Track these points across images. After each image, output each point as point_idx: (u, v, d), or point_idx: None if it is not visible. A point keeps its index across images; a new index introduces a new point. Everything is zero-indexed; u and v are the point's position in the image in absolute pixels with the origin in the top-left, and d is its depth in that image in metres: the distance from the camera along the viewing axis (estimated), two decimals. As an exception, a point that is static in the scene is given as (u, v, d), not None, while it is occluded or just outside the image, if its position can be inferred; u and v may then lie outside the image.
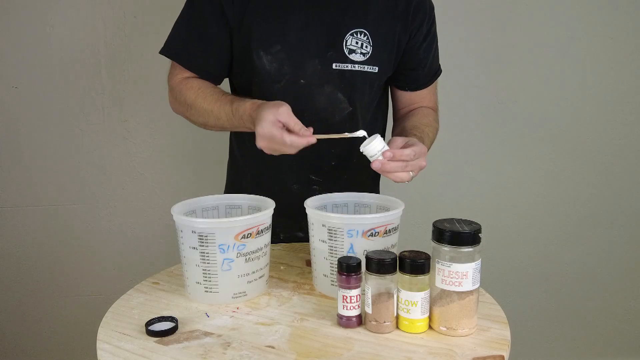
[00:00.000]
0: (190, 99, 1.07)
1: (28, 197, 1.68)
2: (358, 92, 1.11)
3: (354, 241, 0.84)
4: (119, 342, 0.75)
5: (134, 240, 1.74)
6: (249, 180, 1.19)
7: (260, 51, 1.06)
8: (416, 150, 0.93)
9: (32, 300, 1.75)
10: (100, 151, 1.68)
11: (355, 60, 1.07)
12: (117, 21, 1.60)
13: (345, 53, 1.07)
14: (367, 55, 1.08)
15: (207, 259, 0.83)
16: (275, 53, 1.06)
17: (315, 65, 1.07)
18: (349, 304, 0.77)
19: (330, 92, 1.09)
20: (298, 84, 1.07)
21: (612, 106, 1.76)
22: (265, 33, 1.05)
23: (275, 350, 0.72)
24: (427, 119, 1.16)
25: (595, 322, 1.92)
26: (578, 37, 1.70)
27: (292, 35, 1.05)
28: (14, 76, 1.61)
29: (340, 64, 1.07)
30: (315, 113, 1.08)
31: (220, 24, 1.06)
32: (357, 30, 1.07)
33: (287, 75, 1.07)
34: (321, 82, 1.08)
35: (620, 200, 1.82)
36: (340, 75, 1.08)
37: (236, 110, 1.01)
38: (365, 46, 1.07)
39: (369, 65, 1.09)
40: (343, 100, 1.09)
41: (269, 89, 1.08)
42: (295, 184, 1.14)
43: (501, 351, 0.72)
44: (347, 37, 1.06)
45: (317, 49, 1.06)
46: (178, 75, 1.10)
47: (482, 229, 0.76)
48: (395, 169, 0.92)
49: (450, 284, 0.74)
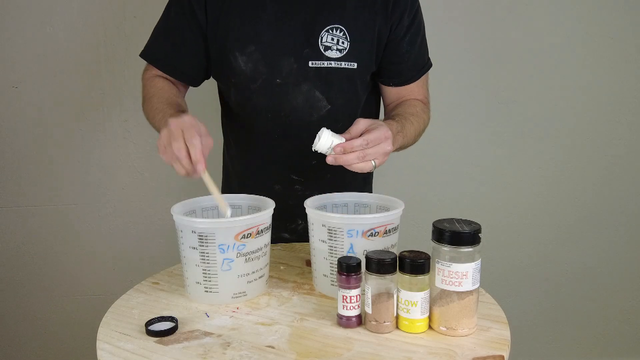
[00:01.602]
0: (149, 94, 1.10)
1: (28, 197, 1.68)
2: (336, 90, 1.09)
3: (353, 241, 0.84)
4: (118, 342, 0.75)
5: (134, 240, 1.74)
6: (236, 181, 1.20)
7: (236, 52, 1.06)
8: (371, 137, 0.90)
9: (32, 300, 1.75)
10: (100, 151, 1.68)
11: (331, 57, 1.06)
12: (117, 21, 1.60)
13: (321, 50, 1.05)
14: (345, 52, 1.06)
15: (207, 259, 0.83)
16: (250, 53, 1.06)
17: (291, 64, 1.06)
18: (348, 304, 0.77)
19: (307, 91, 1.08)
20: (274, 84, 1.07)
21: (612, 106, 1.76)
22: (239, 34, 1.05)
23: (275, 350, 0.72)
24: (413, 109, 1.12)
25: (595, 322, 1.92)
26: (578, 37, 1.70)
27: (265, 35, 1.05)
28: (14, 76, 1.61)
29: (316, 62, 1.06)
30: (293, 112, 1.08)
31: (194, 29, 1.08)
32: (333, 26, 1.05)
33: (263, 75, 1.07)
34: (298, 81, 1.07)
35: (620, 200, 1.82)
36: (317, 73, 1.07)
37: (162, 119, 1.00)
38: (341, 42, 1.06)
39: (347, 62, 1.07)
40: (321, 98, 1.09)
41: (246, 89, 1.09)
42: (277, 184, 1.15)
43: (501, 351, 0.72)
44: (322, 33, 1.05)
45: (292, 47, 1.05)
46: (151, 72, 1.14)
47: (482, 229, 0.76)
48: (350, 161, 0.90)
49: (450, 284, 0.74)
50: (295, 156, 1.12)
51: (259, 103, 1.09)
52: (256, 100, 1.09)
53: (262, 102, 1.09)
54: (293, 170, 1.14)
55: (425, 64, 1.18)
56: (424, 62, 1.18)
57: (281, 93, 1.08)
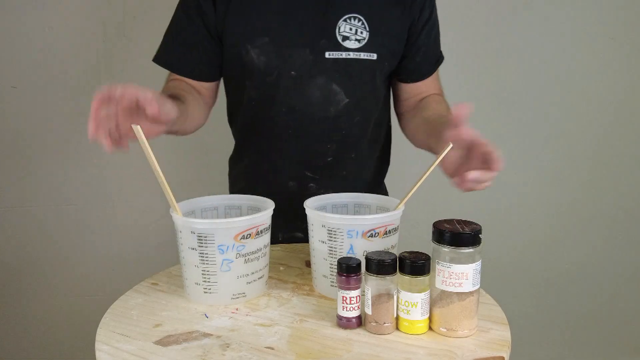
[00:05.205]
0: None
1: (28, 197, 1.68)
2: (355, 82, 1.06)
3: (353, 242, 0.84)
4: (117, 343, 0.74)
5: (133, 241, 1.74)
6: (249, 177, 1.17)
7: (248, 45, 1.03)
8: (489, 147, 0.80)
9: (31, 301, 1.75)
10: (100, 151, 1.67)
11: (350, 47, 1.03)
12: (117, 22, 1.60)
13: (339, 40, 1.02)
14: (364, 42, 1.03)
15: (206, 260, 0.83)
16: (262, 46, 1.03)
17: (306, 55, 1.03)
18: (348, 305, 0.77)
19: (323, 84, 1.04)
20: (288, 77, 1.04)
21: (612, 106, 1.76)
22: (249, 25, 1.03)
23: (275, 352, 0.72)
24: (442, 106, 1.09)
25: (595, 322, 1.92)
26: (578, 37, 1.70)
27: (275, 25, 1.03)
28: (14, 76, 1.61)
29: (333, 52, 1.02)
30: (309, 106, 1.05)
31: (202, 26, 1.06)
32: (351, 15, 1.02)
33: (277, 67, 1.04)
34: (313, 74, 1.04)
35: (620, 200, 1.82)
36: (335, 65, 1.03)
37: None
38: (360, 32, 1.02)
39: (366, 53, 1.03)
40: (338, 91, 1.05)
41: (261, 83, 1.06)
42: (291, 180, 1.12)
43: (501, 352, 0.72)
44: (340, 23, 1.02)
45: (307, 37, 1.02)
46: (169, 78, 1.13)
47: (482, 230, 0.75)
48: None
49: (450, 285, 0.74)
50: (310, 152, 1.09)
51: (273, 97, 1.06)
52: (270, 94, 1.06)
53: (276, 96, 1.06)
54: (308, 167, 1.11)
55: (439, 58, 1.16)
56: (439, 56, 1.16)
57: (295, 86, 1.04)
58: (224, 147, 1.27)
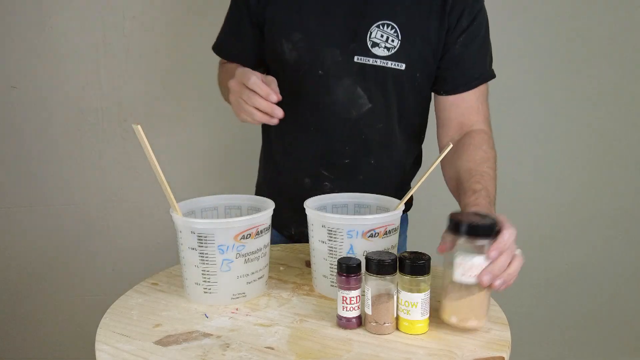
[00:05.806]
0: (220, 79, 1.18)
1: (27, 197, 1.68)
2: (380, 89, 1.05)
3: (353, 242, 0.84)
4: (117, 343, 0.74)
5: (133, 241, 1.74)
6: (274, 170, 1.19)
7: (283, 39, 1.06)
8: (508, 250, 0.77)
9: (31, 301, 1.75)
10: (100, 151, 1.67)
11: (378, 54, 1.02)
12: (116, 22, 1.59)
13: (368, 46, 1.02)
14: (393, 50, 1.01)
15: (206, 260, 0.83)
16: (296, 41, 1.05)
17: (335, 55, 1.03)
18: (348, 305, 0.77)
19: (348, 86, 1.05)
20: (316, 75, 1.05)
21: (612, 106, 1.76)
22: (285, 20, 1.06)
23: (275, 352, 0.72)
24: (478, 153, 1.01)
25: (595, 322, 1.92)
26: (578, 37, 1.70)
27: (310, 23, 1.04)
28: (14, 76, 1.61)
29: (361, 58, 1.02)
30: (331, 105, 1.06)
31: (248, 16, 1.10)
32: (384, 22, 1.01)
33: (306, 64, 1.05)
34: (340, 75, 1.04)
35: (621, 200, 1.82)
36: (361, 69, 1.03)
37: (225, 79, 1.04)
38: (391, 40, 1.01)
39: (394, 62, 1.02)
40: (362, 95, 1.05)
41: (289, 78, 1.07)
42: (307, 177, 1.13)
43: (501, 352, 0.72)
44: (372, 28, 1.01)
45: (339, 39, 1.03)
46: (222, 61, 1.22)
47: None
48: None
49: (472, 277, 0.74)
50: (328, 152, 1.10)
51: (299, 92, 1.07)
52: (297, 90, 1.07)
53: (302, 92, 1.07)
54: (324, 165, 1.11)
55: (483, 73, 1.08)
56: (483, 71, 1.08)
57: (322, 85, 1.05)
58: (224, 147, 1.27)
